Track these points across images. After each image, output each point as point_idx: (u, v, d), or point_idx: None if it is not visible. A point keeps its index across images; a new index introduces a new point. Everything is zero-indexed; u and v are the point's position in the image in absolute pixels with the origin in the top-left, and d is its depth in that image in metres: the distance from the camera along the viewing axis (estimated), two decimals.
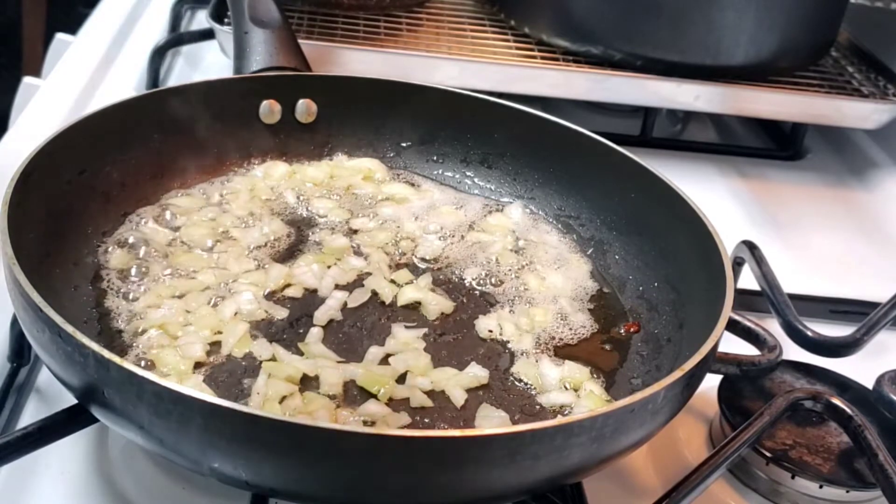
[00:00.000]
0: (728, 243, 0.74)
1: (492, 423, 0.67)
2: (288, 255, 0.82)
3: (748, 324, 0.73)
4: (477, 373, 0.71)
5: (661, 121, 1.23)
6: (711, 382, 0.72)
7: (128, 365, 0.53)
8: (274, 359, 0.69)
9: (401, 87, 0.92)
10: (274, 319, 0.74)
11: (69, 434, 0.61)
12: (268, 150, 0.92)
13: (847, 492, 0.68)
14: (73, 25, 1.35)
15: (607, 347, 0.76)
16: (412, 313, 0.77)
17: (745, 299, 0.85)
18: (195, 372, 0.67)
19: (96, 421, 0.60)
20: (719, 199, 1.12)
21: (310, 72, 0.95)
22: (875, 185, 1.20)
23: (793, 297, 0.81)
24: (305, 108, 0.92)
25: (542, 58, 1.15)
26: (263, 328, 0.73)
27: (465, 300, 0.80)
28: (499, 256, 0.84)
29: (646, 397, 0.56)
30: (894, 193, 1.17)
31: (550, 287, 0.81)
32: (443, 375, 0.70)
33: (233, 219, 0.84)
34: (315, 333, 0.73)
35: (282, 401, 0.66)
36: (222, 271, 0.77)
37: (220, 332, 0.71)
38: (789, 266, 0.92)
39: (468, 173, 0.94)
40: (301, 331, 0.73)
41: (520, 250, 0.86)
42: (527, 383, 0.71)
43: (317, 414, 0.65)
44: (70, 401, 0.60)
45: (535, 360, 0.73)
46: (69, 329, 0.54)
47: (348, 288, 0.79)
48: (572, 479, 0.60)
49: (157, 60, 1.16)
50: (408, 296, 0.78)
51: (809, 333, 0.77)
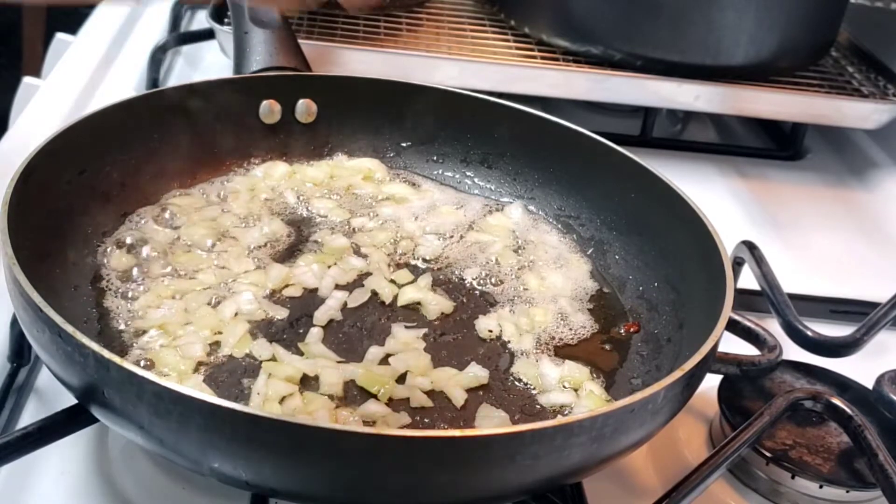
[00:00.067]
0: (728, 243, 0.74)
1: (492, 423, 0.67)
2: (288, 255, 0.82)
3: (748, 324, 0.73)
4: (477, 373, 0.71)
5: (661, 121, 1.23)
6: (711, 382, 0.72)
7: (128, 365, 0.53)
8: (274, 359, 0.70)
9: (401, 87, 0.92)
10: (274, 319, 0.74)
11: (69, 434, 0.61)
12: (268, 150, 0.92)
13: (847, 492, 0.68)
14: (73, 25, 1.35)
15: (607, 347, 0.76)
16: (412, 313, 0.77)
17: (745, 299, 0.85)
18: (195, 372, 0.67)
19: (96, 421, 0.60)
20: (719, 199, 1.12)
21: (310, 72, 0.95)
22: (875, 185, 1.20)
23: (793, 297, 0.81)
24: (305, 108, 0.92)
25: (542, 58, 1.15)
26: (263, 328, 0.73)
27: (465, 300, 0.80)
28: (499, 256, 0.84)
29: (646, 397, 0.56)
30: (894, 193, 1.17)
31: (550, 287, 0.81)
32: (443, 375, 0.70)
33: (233, 219, 0.84)
34: (315, 333, 0.73)
35: (282, 401, 0.66)
36: (222, 271, 0.77)
37: (220, 332, 0.71)
38: (789, 266, 0.92)
39: (468, 173, 0.94)
40: (301, 331, 0.73)
41: (520, 250, 0.86)
42: (527, 383, 0.71)
43: (317, 414, 0.65)
44: (70, 401, 0.60)
45: (535, 360, 0.73)
46: (69, 329, 0.54)
47: (348, 288, 0.79)
48: (572, 479, 0.60)
49: (157, 60, 1.17)
50: (408, 296, 0.78)
51: (809, 333, 0.77)
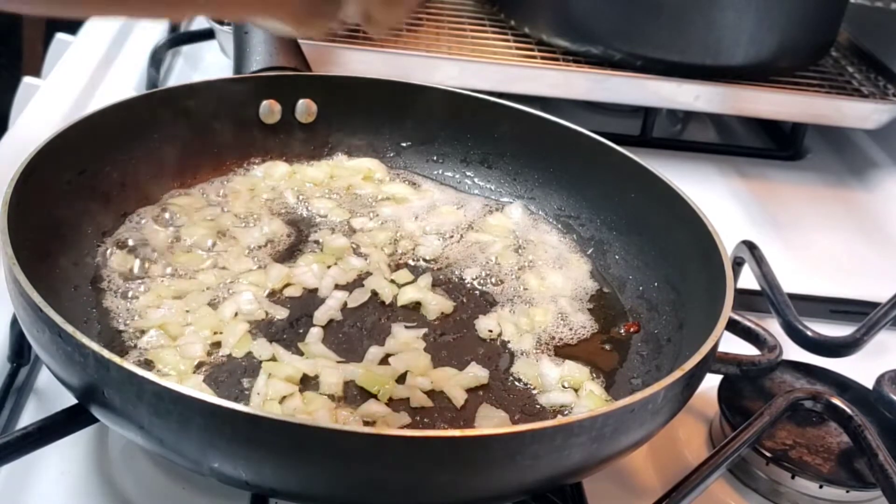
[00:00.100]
0: (728, 243, 0.74)
1: (492, 423, 0.67)
2: (288, 255, 0.82)
3: (748, 324, 0.73)
4: (477, 373, 0.71)
5: (661, 121, 1.23)
6: (711, 382, 0.72)
7: (128, 365, 0.53)
8: (274, 359, 0.69)
9: (401, 87, 0.92)
10: (274, 319, 0.74)
11: (69, 434, 0.61)
12: (268, 150, 0.92)
13: (847, 492, 0.68)
14: (73, 25, 1.35)
15: (607, 347, 0.76)
16: (412, 313, 0.77)
17: (745, 299, 0.85)
18: (195, 372, 0.67)
19: (96, 421, 0.60)
20: (719, 199, 1.12)
21: (310, 72, 0.95)
22: (875, 185, 1.20)
23: (793, 297, 0.81)
24: (305, 108, 0.92)
25: (542, 58, 1.15)
26: (263, 328, 0.73)
27: (465, 300, 0.80)
28: (499, 256, 0.84)
29: (646, 397, 0.56)
30: (894, 193, 1.17)
31: (550, 287, 0.81)
32: (443, 375, 0.70)
33: (233, 219, 0.84)
34: (315, 333, 0.73)
35: (282, 401, 0.66)
36: (222, 271, 0.77)
37: (220, 332, 0.71)
38: (789, 266, 0.92)
39: (468, 173, 0.94)
40: (301, 331, 0.73)
41: (520, 250, 0.86)
42: (527, 383, 0.71)
43: (317, 414, 0.65)
44: (70, 401, 0.60)
45: (535, 360, 0.73)
46: (69, 329, 0.54)
47: (348, 288, 0.79)
48: (572, 479, 0.60)
49: (157, 60, 1.16)
50: (408, 296, 0.78)
51: (809, 333, 0.77)
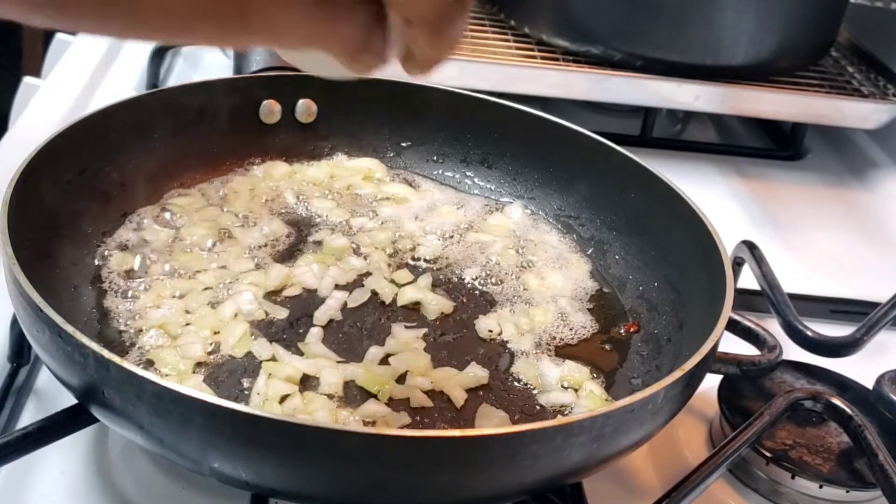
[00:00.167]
0: (728, 243, 0.74)
1: (492, 423, 0.67)
2: (288, 255, 0.82)
3: (748, 324, 0.73)
4: (477, 373, 0.71)
5: (661, 121, 1.23)
6: (711, 382, 0.72)
7: (128, 365, 0.53)
8: (274, 359, 0.69)
9: (401, 87, 0.92)
10: (274, 319, 0.74)
11: (69, 434, 0.61)
12: (268, 150, 0.92)
13: (847, 492, 0.68)
14: None
15: (607, 347, 0.76)
16: (412, 313, 0.77)
17: (745, 299, 0.85)
18: (195, 372, 0.67)
19: (96, 421, 0.60)
20: (719, 199, 1.12)
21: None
22: (875, 185, 1.20)
23: (793, 297, 0.81)
24: (305, 108, 0.92)
25: (542, 58, 1.15)
26: (263, 328, 0.73)
27: (465, 300, 0.80)
28: (499, 256, 0.84)
29: (646, 397, 0.56)
30: (894, 193, 1.17)
31: (550, 287, 0.81)
32: (443, 375, 0.70)
33: (233, 219, 0.84)
34: (315, 333, 0.73)
35: (282, 401, 0.66)
36: (222, 271, 0.77)
37: (220, 332, 0.71)
38: (789, 266, 0.92)
39: (468, 173, 0.94)
40: (301, 331, 0.73)
41: (520, 250, 0.86)
42: (527, 383, 0.71)
43: (317, 414, 0.65)
44: (70, 401, 0.60)
45: (535, 360, 0.73)
46: (69, 329, 0.54)
47: (348, 288, 0.78)
48: (572, 479, 0.60)
49: (157, 60, 1.16)
50: (408, 296, 0.78)
51: (809, 333, 0.77)
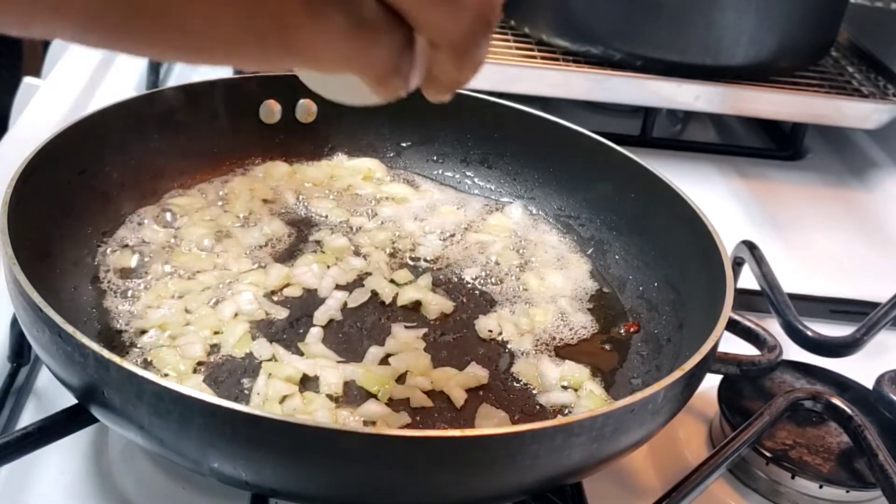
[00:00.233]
0: (728, 243, 0.74)
1: (492, 423, 0.67)
2: (288, 255, 0.82)
3: (748, 324, 0.73)
4: (477, 373, 0.71)
5: (661, 121, 1.23)
6: (711, 382, 0.72)
7: (128, 365, 0.53)
8: (274, 359, 0.69)
9: None
10: (274, 319, 0.74)
11: (69, 434, 0.61)
12: (268, 150, 0.92)
13: (847, 492, 0.68)
14: None
15: (607, 347, 0.76)
16: (412, 313, 0.77)
17: (745, 299, 0.85)
18: (195, 372, 0.67)
19: (96, 421, 0.60)
20: (719, 199, 1.12)
21: None
22: (875, 185, 1.20)
23: (793, 297, 0.81)
24: (305, 108, 0.92)
25: (542, 58, 1.15)
26: (263, 328, 0.73)
27: (465, 300, 0.80)
28: (499, 256, 0.84)
29: (646, 397, 0.56)
30: (894, 193, 1.17)
31: (550, 287, 0.81)
32: (443, 375, 0.70)
33: (233, 219, 0.84)
34: (315, 333, 0.73)
35: (282, 401, 0.66)
36: (222, 271, 0.77)
37: (220, 332, 0.71)
38: (789, 266, 0.92)
39: (468, 173, 0.94)
40: (301, 331, 0.73)
41: (520, 250, 0.86)
42: (527, 383, 0.71)
43: (317, 414, 0.65)
44: (70, 401, 0.60)
45: (535, 360, 0.73)
46: (69, 329, 0.54)
47: (348, 288, 0.78)
48: (572, 479, 0.60)
49: (156, 60, 1.16)
50: (408, 296, 0.78)
51: (809, 333, 0.77)
